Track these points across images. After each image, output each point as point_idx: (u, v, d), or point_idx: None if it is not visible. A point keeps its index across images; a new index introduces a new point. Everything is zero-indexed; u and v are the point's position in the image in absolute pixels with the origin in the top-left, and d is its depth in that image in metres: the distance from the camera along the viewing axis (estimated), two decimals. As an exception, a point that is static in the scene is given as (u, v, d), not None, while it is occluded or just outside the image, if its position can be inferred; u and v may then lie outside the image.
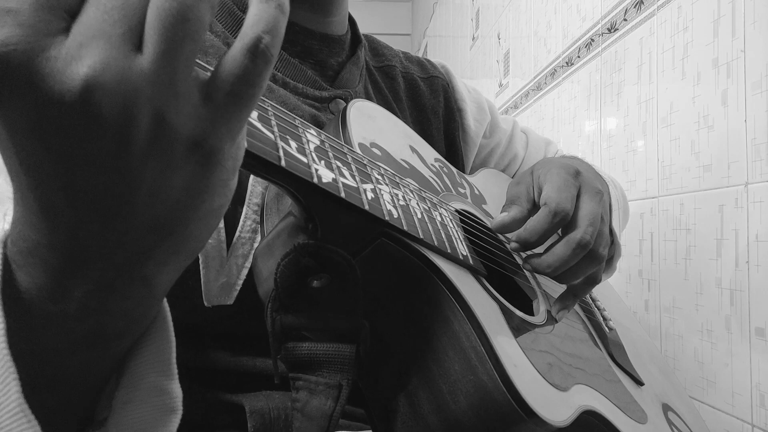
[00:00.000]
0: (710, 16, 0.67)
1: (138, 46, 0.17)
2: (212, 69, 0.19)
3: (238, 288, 0.40)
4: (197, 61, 0.19)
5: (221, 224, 0.40)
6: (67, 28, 0.16)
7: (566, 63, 1.10)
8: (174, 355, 0.24)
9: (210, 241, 0.40)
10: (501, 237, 0.47)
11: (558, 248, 0.40)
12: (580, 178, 0.44)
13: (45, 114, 0.16)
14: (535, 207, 0.44)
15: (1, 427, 0.18)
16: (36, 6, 0.16)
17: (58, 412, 0.22)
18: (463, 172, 0.52)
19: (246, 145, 0.22)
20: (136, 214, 0.18)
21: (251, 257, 0.40)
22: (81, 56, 0.16)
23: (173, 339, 0.24)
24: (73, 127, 0.16)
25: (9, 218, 0.20)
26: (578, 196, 0.43)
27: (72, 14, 0.16)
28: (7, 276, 0.20)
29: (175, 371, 0.24)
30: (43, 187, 0.17)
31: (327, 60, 0.51)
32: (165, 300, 0.24)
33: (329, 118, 0.47)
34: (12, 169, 0.18)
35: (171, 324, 0.24)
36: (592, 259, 0.42)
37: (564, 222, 0.41)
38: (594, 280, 0.44)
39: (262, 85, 0.19)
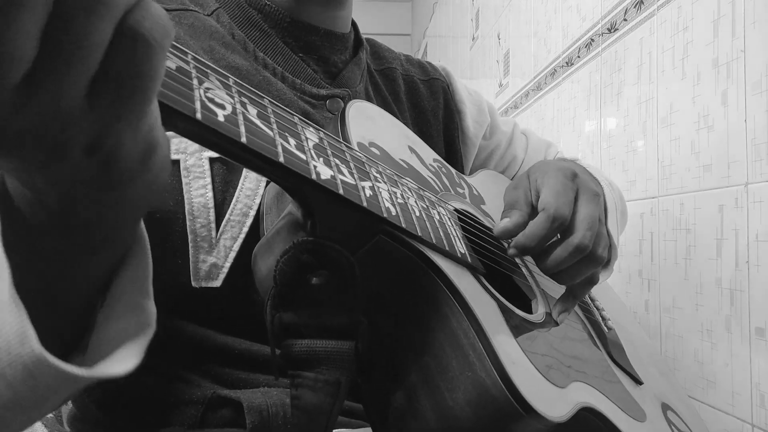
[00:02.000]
0: (710, 16, 0.67)
1: (15, 75, 0.16)
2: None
3: (226, 270, 0.40)
4: None
5: (211, 204, 0.41)
6: None
7: (566, 63, 1.10)
8: (150, 275, 0.26)
9: (200, 220, 0.41)
10: None
11: (557, 251, 0.41)
12: (577, 181, 0.45)
13: None
14: (533, 210, 0.44)
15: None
16: None
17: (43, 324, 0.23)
18: (462, 174, 0.52)
19: (158, 139, 0.21)
20: (47, 191, 0.20)
21: (240, 240, 0.41)
22: None
23: (150, 261, 0.26)
24: None
25: None
26: (576, 199, 0.43)
27: None
28: (2, 187, 0.23)
29: (151, 291, 0.26)
30: None
31: (330, 56, 0.52)
32: (142, 224, 0.26)
33: (324, 116, 0.48)
34: None
35: (148, 247, 0.26)
36: (591, 260, 0.42)
37: (563, 227, 0.41)
38: (592, 281, 0.44)
39: (150, 74, 0.18)
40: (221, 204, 0.41)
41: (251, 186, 0.41)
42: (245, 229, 0.41)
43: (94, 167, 0.19)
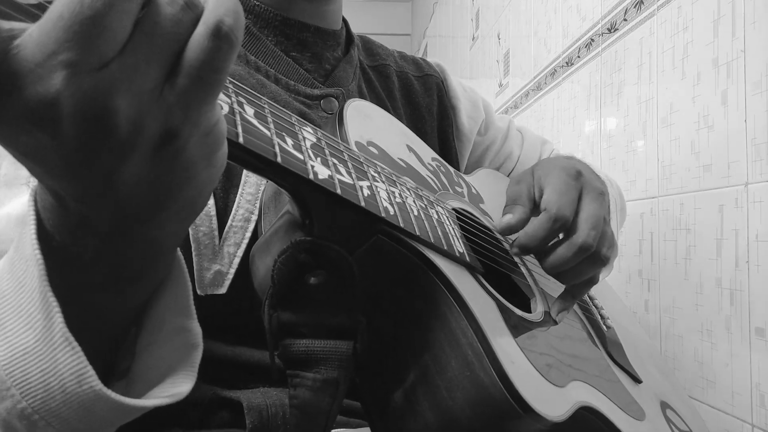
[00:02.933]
0: (710, 16, 0.67)
1: (106, 53, 0.17)
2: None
3: (231, 277, 0.40)
4: None
5: (213, 212, 0.41)
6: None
7: (566, 63, 1.10)
8: (191, 297, 0.26)
9: (202, 228, 0.40)
10: (498, 236, 0.47)
11: (560, 250, 0.40)
12: (582, 180, 0.44)
13: (24, 114, 0.17)
14: (536, 207, 0.44)
15: (51, 359, 0.20)
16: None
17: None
18: (458, 170, 0.52)
19: (224, 132, 0.22)
20: (115, 193, 0.20)
21: (243, 246, 0.41)
22: (53, 66, 0.17)
23: (189, 283, 0.26)
24: (42, 128, 0.17)
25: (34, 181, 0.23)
26: (580, 198, 0.43)
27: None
28: (40, 223, 0.22)
29: (194, 311, 0.26)
30: (30, 159, 0.19)
31: (323, 53, 0.52)
32: (179, 251, 0.26)
33: (320, 116, 0.48)
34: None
35: (186, 271, 0.26)
36: (595, 260, 0.42)
37: (564, 227, 0.41)
38: (591, 281, 0.44)
39: (227, 69, 0.19)
40: (223, 211, 0.41)
41: (251, 191, 0.41)
42: (248, 235, 0.41)
43: (162, 160, 0.19)
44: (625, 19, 0.87)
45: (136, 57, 0.17)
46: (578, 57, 1.04)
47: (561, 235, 0.42)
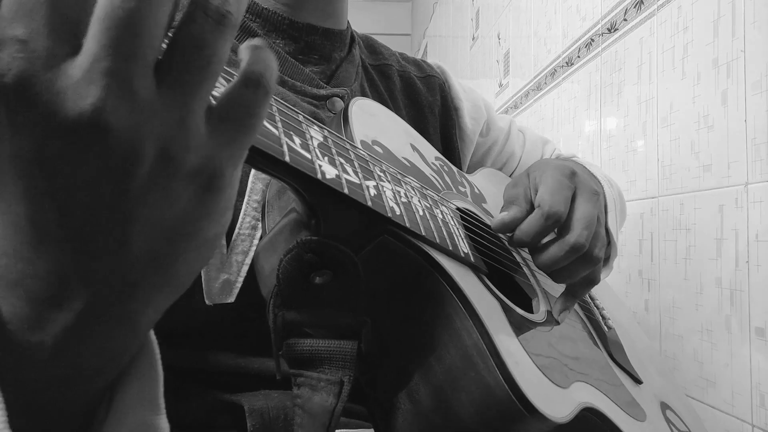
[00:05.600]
0: (710, 16, 0.67)
1: (149, 75, 0.17)
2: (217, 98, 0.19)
3: (239, 285, 0.40)
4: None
5: None
6: (75, 52, 0.16)
7: (566, 63, 1.10)
8: (161, 389, 0.23)
9: None
10: (500, 235, 0.47)
11: (552, 248, 0.41)
12: (576, 179, 0.45)
13: (51, 142, 0.16)
14: (533, 208, 0.44)
15: None
16: (44, 33, 0.16)
17: None
18: (461, 170, 0.52)
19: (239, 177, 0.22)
20: (128, 245, 0.18)
21: (251, 254, 0.40)
22: (88, 86, 0.16)
23: (161, 372, 0.23)
24: (75, 157, 0.16)
25: None
26: (574, 198, 0.43)
27: (79, 37, 0.16)
28: None
29: (163, 406, 0.23)
30: (41, 216, 0.17)
31: (331, 54, 0.52)
32: (152, 332, 0.23)
33: (327, 116, 0.48)
34: (7, 198, 0.17)
35: (158, 356, 0.23)
36: (587, 261, 0.42)
37: (557, 224, 0.41)
38: (592, 281, 0.44)
39: (263, 114, 0.20)
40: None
41: (257, 198, 0.41)
42: (255, 242, 0.40)
43: (193, 188, 0.19)
44: (625, 19, 0.87)
45: (181, 86, 0.18)
46: (578, 57, 1.04)
47: (555, 234, 0.42)
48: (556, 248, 0.41)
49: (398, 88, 0.58)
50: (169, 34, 0.18)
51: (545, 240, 0.42)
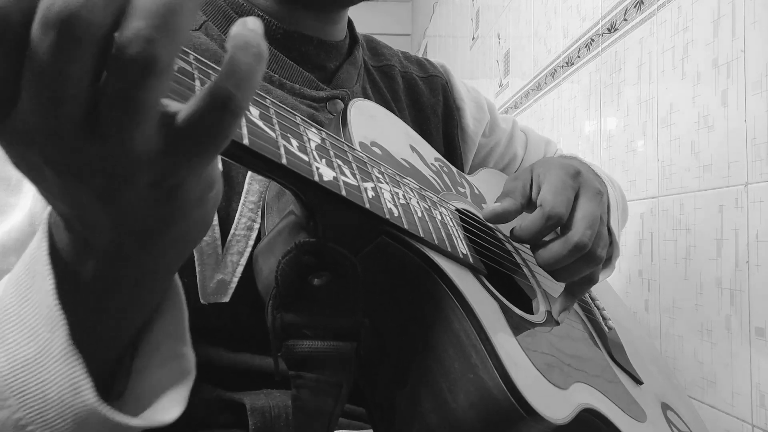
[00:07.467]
0: (710, 16, 0.67)
1: (83, 118, 0.17)
2: (175, 114, 0.18)
3: (234, 285, 0.40)
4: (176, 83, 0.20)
5: (216, 221, 0.40)
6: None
7: (566, 63, 1.10)
8: (186, 323, 0.26)
9: (205, 238, 0.40)
10: (500, 236, 0.47)
11: (554, 247, 0.41)
12: (580, 179, 0.44)
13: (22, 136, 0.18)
14: (530, 203, 0.44)
15: (51, 371, 0.21)
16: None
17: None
18: (463, 172, 0.52)
19: (217, 174, 0.23)
20: (103, 222, 0.21)
21: (246, 255, 0.40)
22: (31, 137, 0.17)
23: (185, 309, 0.27)
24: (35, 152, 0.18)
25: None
26: (577, 197, 0.43)
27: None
28: (51, 240, 0.23)
29: (188, 337, 0.26)
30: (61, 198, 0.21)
31: (325, 64, 0.51)
32: (177, 276, 0.27)
33: (328, 118, 0.48)
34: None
35: (183, 296, 0.27)
36: (589, 260, 0.42)
37: (558, 224, 0.41)
38: (591, 280, 0.44)
39: (229, 134, 0.19)
40: (225, 219, 0.40)
41: (254, 199, 0.41)
42: (251, 243, 0.41)
43: (155, 198, 0.20)
44: (625, 19, 0.87)
45: (112, 124, 0.17)
46: (578, 57, 1.04)
47: (558, 233, 0.42)
48: (558, 247, 0.40)
49: (401, 88, 0.58)
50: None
51: (547, 238, 0.42)
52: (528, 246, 0.43)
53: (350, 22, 0.56)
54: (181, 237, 0.23)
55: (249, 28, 0.17)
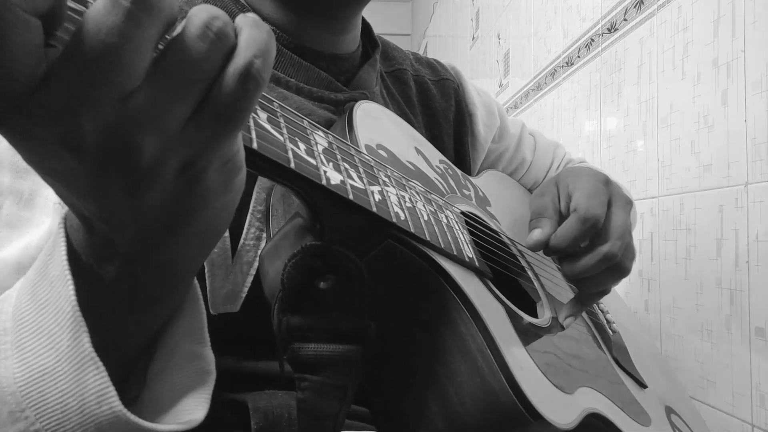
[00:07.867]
0: (710, 16, 0.67)
1: (128, 86, 0.17)
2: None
3: (244, 295, 0.40)
4: None
5: (226, 233, 0.40)
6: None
7: (566, 63, 1.10)
8: (205, 324, 0.26)
9: (215, 249, 0.40)
10: (505, 239, 0.47)
11: (586, 258, 0.40)
12: (611, 187, 0.44)
13: (53, 142, 0.18)
14: (562, 218, 0.43)
15: (72, 379, 0.21)
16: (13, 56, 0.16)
17: None
18: (468, 175, 0.51)
19: (242, 160, 0.22)
20: (128, 220, 0.20)
21: (256, 264, 0.40)
22: (68, 103, 0.17)
23: (204, 310, 0.26)
24: (69, 155, 0.18)
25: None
26: (609, 205, 0.42)
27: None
28: (68, 243, 0.23)
29: (208, 338, 0.26)
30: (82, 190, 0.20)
31: (337, 77, 0.49)
32: (195, 279, 0.27)
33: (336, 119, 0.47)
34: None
35: (201, 299, 0.27)
36: (617, 271, 0.41)
37: (595, 228, 0.40)
38: (604, 291, 0.44)
39: (252, 108, 0.20)
40: (235, 229, 0.40)
41: (261, 209, 0.41)
42: (260, 252, 0.40)
43: (180, 187, 0.20)
44: (625, 19, 0.87)
45: (159, 93, 0.18)
46: (578, 57, 1.04)
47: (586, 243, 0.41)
48: (589, 257, 0.40)
49: (414, 93, 0.57)
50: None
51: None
52: (539, 253, 0.43)
53: (368, 27, 0.55)
54: (205, 228, 0.22)
55: (254, 16, 0.20)
